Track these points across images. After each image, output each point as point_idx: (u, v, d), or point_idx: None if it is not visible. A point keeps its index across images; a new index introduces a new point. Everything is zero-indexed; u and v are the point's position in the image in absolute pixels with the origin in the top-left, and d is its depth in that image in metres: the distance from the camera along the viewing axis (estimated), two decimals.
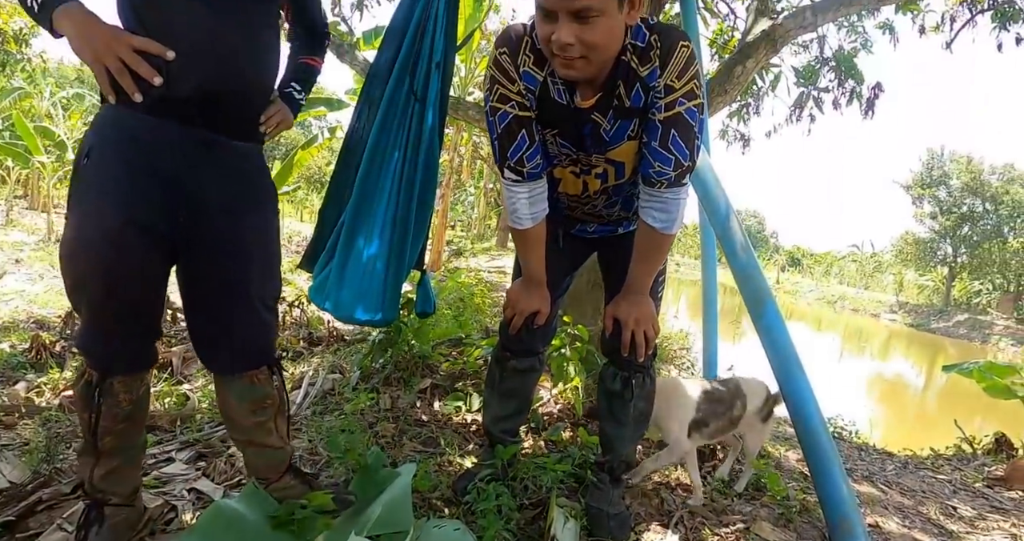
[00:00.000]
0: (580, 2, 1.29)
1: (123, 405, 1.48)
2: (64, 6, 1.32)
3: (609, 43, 1.38)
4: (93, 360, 1.46)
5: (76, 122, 15.68)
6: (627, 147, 1.59)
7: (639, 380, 1.85)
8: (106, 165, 1.38)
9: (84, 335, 1.45)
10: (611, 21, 1.34)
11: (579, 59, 1.37)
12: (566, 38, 1.33)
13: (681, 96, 1.46)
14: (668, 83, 1.45)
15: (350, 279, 2.08)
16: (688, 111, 1.47)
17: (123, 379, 1.48)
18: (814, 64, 6.13)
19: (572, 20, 1.32)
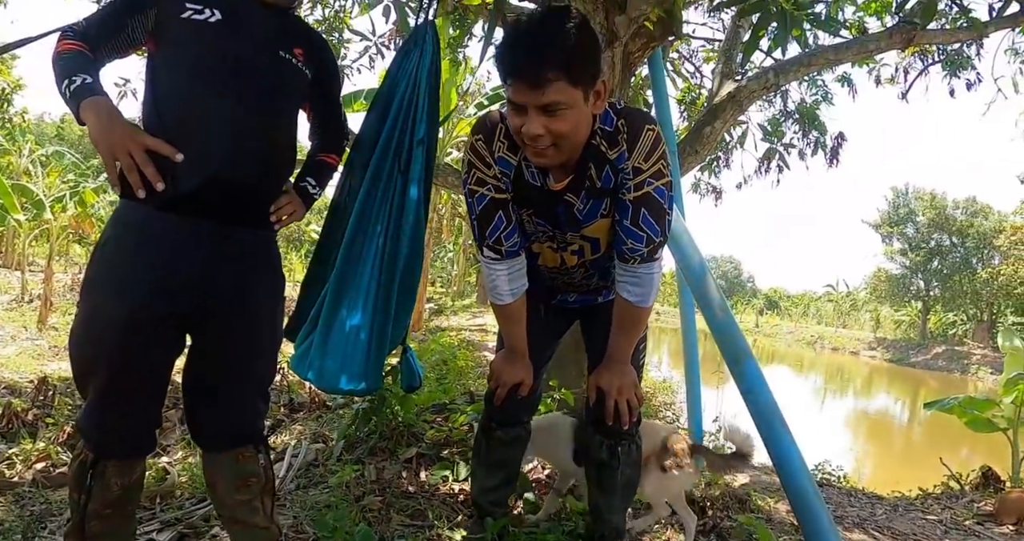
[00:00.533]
0: (547, 97, 1.36)
1: (114, 489, 1.48)
2: (92, 98, 1.39)
3: (577, 133, 1.45)
4: (91, 442, 1.48)
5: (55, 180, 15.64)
6: (601, 224, 1.65)
7: (625, 447, 1.87)
8: (121, 257, 1.44)
9: (85, 417, 1.48)
10: (578, 112, 1.41)
11: (549, 148, 1.44)
12: (536, 130, 1.39)
13: (649, 176, 1.52)
14: (636, 165, 1.51)
15: (333, 348, 2.08)
16: (656, 190, 1.53)
17: (117, 464, 1.48)
18: (779, 118, 6.38)
19: (540, 113, 1.38)
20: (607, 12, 2.93)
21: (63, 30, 1.49)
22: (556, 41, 1.34)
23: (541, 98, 1.36)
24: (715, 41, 6.06)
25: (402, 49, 2.13)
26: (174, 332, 1.49)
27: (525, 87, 1.36)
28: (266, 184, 1.57)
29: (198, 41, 1.47)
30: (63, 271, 14.96)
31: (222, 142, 1.45)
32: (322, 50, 1.72)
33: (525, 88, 1.36)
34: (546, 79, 1.34)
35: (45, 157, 17.57)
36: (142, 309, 1.41)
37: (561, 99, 1.37)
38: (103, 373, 1.42)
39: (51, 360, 6.93)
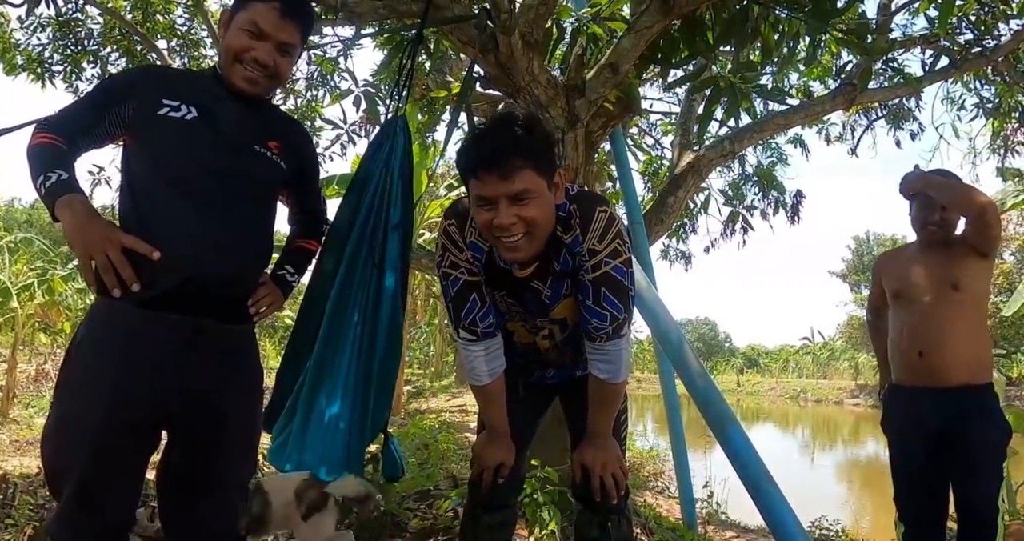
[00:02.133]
0: (517, 186, 1.41)
1: None
2: (68, 196, 1.39)
3: (547, 218, 1.50)
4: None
5: (22, 267, 15.37)
6: (565, 304, 1.68)
7: (615, 522, 1.83)
8: (95, 360, 1.41)
9: (57, 521, 1.43)
10: (544, 201, 1.47)
11: (523, 238, 1.47)
12: (508, 219, 1.43)
13: (605, 257, 1.55)
14: (591, 247, 1.55)
15: (312, 439, 2.02)
16: (615, 269, 1.56)
17: None
18: (739, 182, 6.64)
19: (511, 203, 1.43)
20: (567, 97, 3.07)
21: (38, 123, 1.50)
22: (519, 134, 1.43)
23: (511, 187, 1.41)
24: (672, 114, 6.38)
25: (374, 141, 2.20)
26: (150, 433, 1.46)
27: (495, 178, 1.41)
28: (243, 280, 1.58)
29: (174, 139, 1.49)
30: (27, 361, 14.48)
31: (199, 241, 1.45)
32: (300, 140, 1.76)
33: (495, 179, 1.41)
34: (515, 167, 1.40)
35: (13, 243, 17.35)
36: (118, 414, 1.38)
37: (530, 187, 1.42)
38: (77, 478, 1.38)
39: (12, 455, 6.61)
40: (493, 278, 1.66)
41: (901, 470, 2.46)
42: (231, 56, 1.55)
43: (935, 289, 2.34)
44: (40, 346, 17.61)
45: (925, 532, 2.42)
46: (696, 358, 2.69)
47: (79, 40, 5.49)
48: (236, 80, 1.56)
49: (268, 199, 1.68)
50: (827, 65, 5.40)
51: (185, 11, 5.90)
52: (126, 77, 1.77)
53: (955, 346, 2.30)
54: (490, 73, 3.03)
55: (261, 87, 1.59)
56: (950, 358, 2.29)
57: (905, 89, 4.86)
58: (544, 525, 2.57)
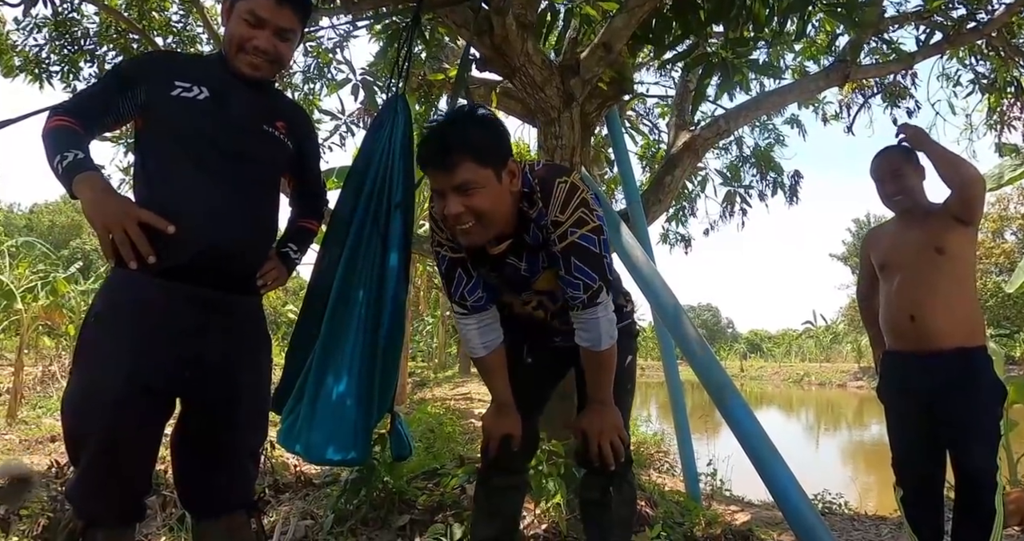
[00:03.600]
0: (459, 177, 1.50)
1: None
2: (85, 173, 1.44)
3: (496, 208, 1.56)
4: (81, 511, 1.47)
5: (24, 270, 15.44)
6: (546, 277, 1.73)
7: (616, 485, 1.89)
8: (113, 328, 1.47)
9: (76, 486, 1.48)
10: (492, 190, 1.53)
11: (474, 225, 1.54)
12: (455, 209, 1.51)
13: (570, 226, 1.60)
14: (554, 219, 1.60)
15: (320, 420, 2.06)
16: (582, 237, 1.60)
17: (107, 532, 1.47)
18: (737, 163, 6.66)
19: (456, 194, 1.51)
20: (562, 77, 3.10)
21: (54, 107, 1.55)
22: (459, 129, 1.52)
23: (453, 179, 1.50)
24: (668, 97, 6.38)
25: (375, 122, 2.23)
26: (165, 401, 1.52)
27: (439, 172, 1.51)
28: (253, 253, 1.63)
29: (187, 118, 1.55)
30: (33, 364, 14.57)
31: (211, 216, 1.51)
32: (303, 122, 1.83)
33: (439, 173, 1.51)
34: (454, 161, 1.49)
35: (15, 247, 17.41)
36: (136, 381, 1.44)
37: (470, 177, 1.50)
38: (95, 446, 1.43)
39: (22, 454, 6.68)
40: (474, 256, 1.73)
41: (897, 435, 2.50)
42: (234, 45, 1.60)
43: (920, 254, 2.37)
44: (45, 349, 17.68)
45: (923, 497, 2.46)
46: (695, 329, 2.73)
47: (76, 40, 5.49)
48: (241, 67, 1.61)
49: (275, 176, 1.74)
50: (821, 44, 5.42)
51: (180, 7, 5.92)
52: (137, 62, 1.83)
53: (945, 308, 2.32)
54: (485, 55, 3.06)
55: (264, 72, 1.65)
56: (941, 320, 2.32)
57: (899, 64, 4.86)
58: (550, 496, 2.62)
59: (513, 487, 2.01)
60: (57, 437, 7.48)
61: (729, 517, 3.97)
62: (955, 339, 2.31)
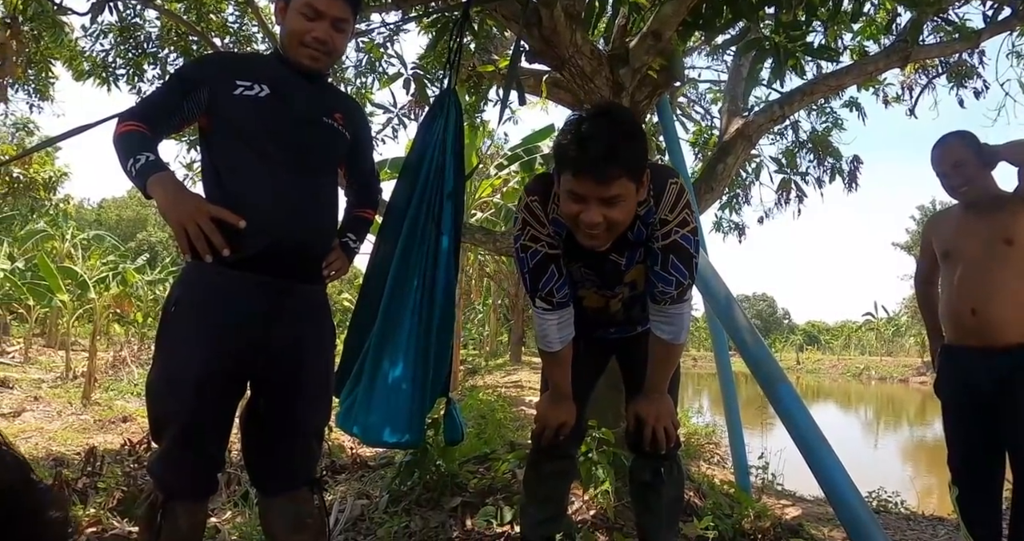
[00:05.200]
0: (610, 192, 1.50)
1: (181, 528, 1.57)
2: (158, 174, 1.53)
3: (628, 218, 1.59)
4: (161, 485, 1.58)
5: (96, 262, 16.31)
6: (637, 270, 1.78)
7: (668, 468, 1.93)
8: (191, 316, 1.57)
9: (158, 462, 1.60)
10: (631, 202, 1.56)
11: (603, 232, 1.56)
12: (596, 219, 1.52)
13: (675, 226, 1.65)
14: (663, 217, 1.64)
15: (378, 402, 2.15)
16: (683, 237, 1.66)
17: (186, 505, 1.58)
18: (792, 149, 6.47)
19: (601, 204, 1.51)
20: (611, 67, 3.10)
21: (122, 113, 1.64)
22: (622, 142, 1.49)
23: (606, 192, 1.49)
24: (720, 82, 6.26)
25: (427, 116, 2.30)
26: (238, 383, 1.62)
27: (591, 181, 1.49)
28: (318, 243, 1.71)
29: (250, 116, 1.63)
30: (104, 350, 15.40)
31: (278, 209, 1.59)
32: (357, 114, 1.89)
33: (591, 182, 1.49)
34: (612, 176, 1.48)
35: (86, 240, 18.39)
36: (213, 365, 1.54)
37: (621, 193, 1.51)
38: (176, 425, 1.54)
39: (96, 433, 7.09)
40: (572, 251, 1.74)
41: (955, 432, 2.42)
42: (294, 40, 1.68)
43: (987, 245, 2.27)
44: (115, 336, 18.62)
45: (979, 495, 2.38)
46: (746, 318, 2.70)
47: (139, 44, 5.76)
48: (302, 59, 1.69)
49: (336, 168, 1.82)
50: (881, 23, 5.21)
51: (236, 9, 6.11)
52: (199, 64, 1.91)
53: (1009, 302, 2.22)
54: (535, 47, 3.08)
55: (322, 63, 1.72)
56: (1004, 315, 2.22)
57: (963, 44, 4.63)
58: (599, 483, 2.65)
59: (562, 472, 2.07)
60: (129, 418, 7.92)
61: (779, 511, 3.91)
62: (1017, 335, 2.22)
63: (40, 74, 8.04)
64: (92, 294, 12.33)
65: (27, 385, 10.55)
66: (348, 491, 3.22)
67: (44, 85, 8.81)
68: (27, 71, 7.53)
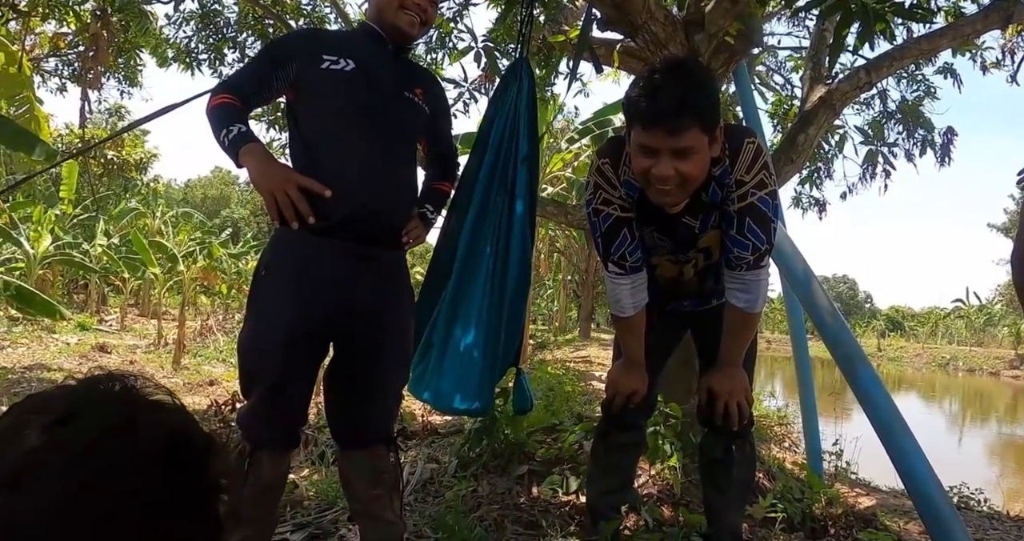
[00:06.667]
0: (682, 143, 1.46)
1: (266, 477, 1.67)
2: (249, 145, 1.62)
3: (701, 173, 1.55)
4: (249, 436, 1.69)
5: (184, 238, 17.32)
6: (711, 235, 1.74)
7: (739, 446, 1.90)
8: (280, 279, 1.66)
9: (246, 415, 1.70)
10: (703, 156, 1.51)
11: (675, 188, 1.53)
12: (666, 172, 1.49)
13: (752, 187, 1.60)
14: (739, 178, 1.59)
15: (448, 370, 2.20)
16: (760, 199, 1.60)
17: (270, 455, 1.68)
18: (879, 119, 6.09)
19: (672, 157, 1.48)
20: (686, 32, 3.00)
21: (214, 87, 1.75)
22: (694, 91, 1.45)
23: (677, 143, 1.46)
24: (801, 49, 5.94)
25: (500, 84, 2.32)
26: (322, 344, 1.71)
27: (662, 133, 1.46)
28: (398, 211, 1.77)
29: (336, 89, 1.69)
30: (192, 319, 16.36)
31: (361, 179, 1.65)
32: (437, 89, 1.94)
33: (662, 134, 1.46)
34: (684, 126, 1.44)
35: (175, 218, 19.49)
36: (300, 326, 1.63)
37: (693, 145, 1.47)
38: (265, 381, 1.64)
39: (186, 395, 7.54)
40: (645, 214, 1.72)
41: None
42: (394, 5, 1.72)
43: None
44: (202, 307, 19.68)
45: None
46: (826, 296, 2.60)
47: (219, 29, 6.02)
48: (400, 24, 1.73)
49: (416, 142, 1.87)
50: None
51: None
52: (287, 40, 2.01)
53: None
54: (607, 15, 3.01)
55: (417, 30, 1.78)
56: None
57: None
58: (666, 458, 2.64)
59: (631, 443, 2.07)
60: (215, 382, 8.40)
61: (852, 500, 3.78)
62: None
63: (129, 62, 8.54)
64: (181, 267, 13.08)
65: (123, 351, 11.34)
66: (418, 456, 3.32)
67: (133, 72, 9.35)
68: (117, 59, 8.02)
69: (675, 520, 2.42)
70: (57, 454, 0.61)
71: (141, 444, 0.64)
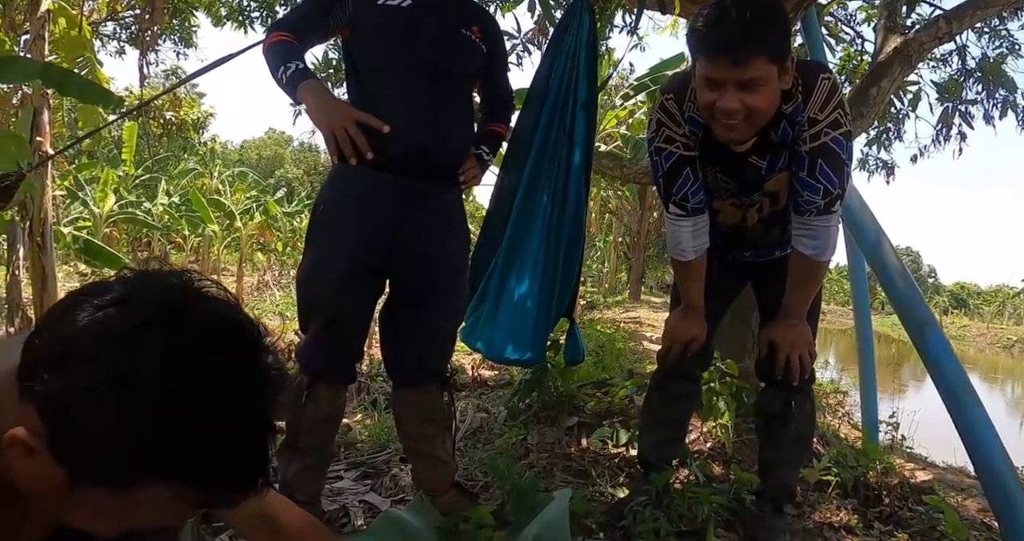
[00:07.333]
0: (748, 74, 1.39)
1: (324, 409, 1.72)
2: (307, 82, 1.63)
3: (770, 107, 1.47)
4: (307, 369, 1.73)
5: (241, 196, 17.83)
6: (780, 178, 1.66)
7: (799, 402, 1.84)
8: (338, 213, 1.69)
9: (305, 348, 1.74)
10: (772, 87, 1.44)
11: (741, 123, 1.46)
12: (733, 105, 1.42)
13: (826, 127, 1.51)
14: (812, 116, 1.51)
15: (502, 319, 2.21)
16: (834, 140, 1.52)
17: (327, 388, 1.73)
18: (957, 78, 5.71)
19: (738, 89, 1.41)
20: None
21: (271, 26, 1.76)
22: (760, 18, 1.38)
23: (743, 74, 1.39)
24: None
25: (559, 26, 2.26)
26: (378, 279, 1.73)
27: (727, 63, 1.39)
28: (454, 148, 1.76)
29: (392, 26, 1.67)
30: (250, 275, 16.92)
31: (418, 116, 1.64)
32: (493, 27, 1.90)
33: (727, 64, 1.39)
34: (749, 55, 1.38)
35: (231, 177, 20.06)
36: (357, 259, 1.65)
37: (760, 75, 1.40)
38: (323, 314, 1.67)
39: None
40: (709, 153, 1.66)
41: None
42: None
43: None
44: (259, 263, 20.32)
45: None
46: (896, 257, 2.49)
47: None
48: None
49: (473, 79, 1.84)
50: None
51: None
52: None
53: None
54: None
55: None
56: None
57: None
58: (719, 415, 2.60)
59: (686, 394, 2.05)
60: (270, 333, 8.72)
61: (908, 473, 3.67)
62: None
63: (183, 23, 8.68)
64: (238, 224, 13.51)
65: None
66: (468, 405, 3.37)
67: (188, 33, 9.51)
68: (172, 20, 8.16)
69: (726, 477, 2.39)
70: (109, 334, 0.60)
71: (194, 329, 0.62)
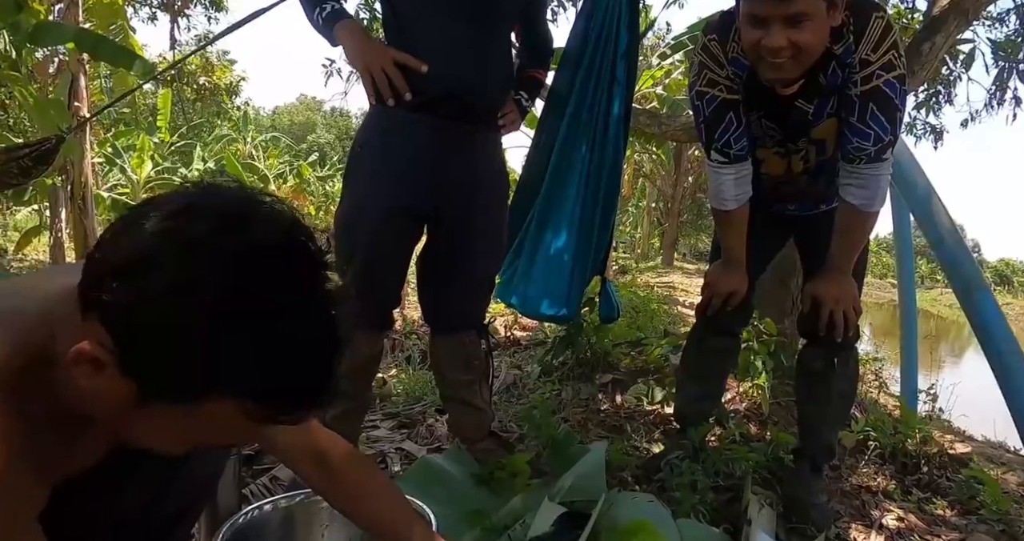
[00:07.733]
0: (795, 7, 1.33)
1: (361, 355, 1.72)
2: (344, 22, 1.62)
3: (818, 45, 1.41)
4: None
5: (274, 161, 18.03)
6: (827, 125, 1.59)
7: (842, 359, 1.79)
8: (376, 156, 1.67)
9: None
10: (819, 23, 1.37)
11: (788, 61, 1.40)
12: (779, 42, 1.36)
13: (878, 68, 1.43)
14: (864, 57, 1.44)
15: (538, 274, 2.20)
16: (887, 83, 1.44)
17: (365, 335, 1.73)
18: (1014, 38, 5.42)
19: (784, 25, 1.35)
20: None
21: None
22: None
23: (789, 9, 1.33)
24: None
25: None
26: (417, 224, 1.72)
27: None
28: (493, 90, 1.73)
29: None
30: None
31: (456, 56, 1.61)
32: None
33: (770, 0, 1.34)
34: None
35: (264, 142, 20.28)
36: (393, 202, 1.64)
37: (808, 10, 1.34)
38: (361, 255, 1.66)
39: None
40: (753, 97, 1.61)
41: None
42: None
43: None
44: None
45: None
46: (948, 215, 2.40)
47: None
48: None
49: (510, 23, 1.79)
50: None
51: None
52: None
53: None
54: None
55: None
56: None
57: None
58: (756, 374, 2.58)
59: (725, 349, 2.02)
60: None
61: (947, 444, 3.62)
62: None
63: None
64: (272, 187, 13.68)
65: None
66: (502, 363, 3.41)
67: None
68: None
69: (762, 437, 2.39)
70: (174, 240, 0.61)
71: (256, 238, 0.62)
